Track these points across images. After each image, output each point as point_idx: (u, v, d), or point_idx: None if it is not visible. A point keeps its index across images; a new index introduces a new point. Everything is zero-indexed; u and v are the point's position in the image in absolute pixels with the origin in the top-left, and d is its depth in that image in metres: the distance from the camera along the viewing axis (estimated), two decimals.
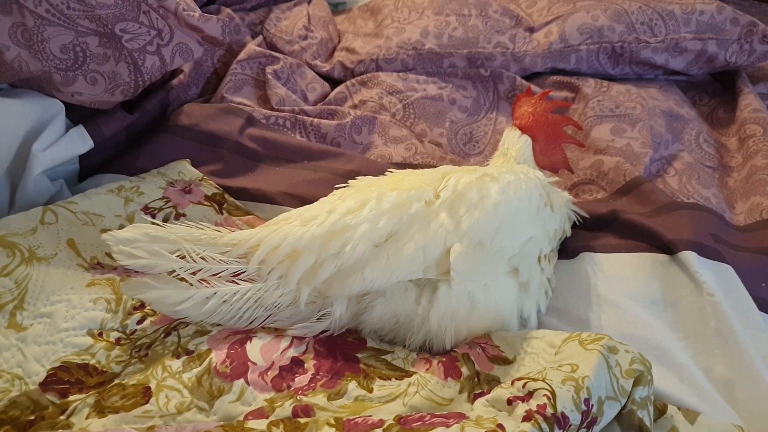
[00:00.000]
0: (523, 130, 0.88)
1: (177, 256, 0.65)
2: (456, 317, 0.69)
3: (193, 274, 0.65)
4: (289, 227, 0.67)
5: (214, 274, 0.66)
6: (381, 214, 0.67)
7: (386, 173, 0.78)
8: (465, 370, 0.65)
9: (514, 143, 0.87)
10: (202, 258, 0.65)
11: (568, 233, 0.85)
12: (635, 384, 0.62)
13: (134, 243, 0.64)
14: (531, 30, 1.25)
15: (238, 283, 0.66)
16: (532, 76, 1.24)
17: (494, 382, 0.65)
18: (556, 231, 0.82)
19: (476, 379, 0.65)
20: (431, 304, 0.68)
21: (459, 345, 0.70)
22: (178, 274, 0.64)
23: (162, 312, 0.66)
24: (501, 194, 0.72)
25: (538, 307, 0.76)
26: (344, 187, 0.75)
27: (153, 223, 0.67)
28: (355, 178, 0.77)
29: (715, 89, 1.26)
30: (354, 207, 0.68)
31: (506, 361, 0.67)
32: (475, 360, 0.67)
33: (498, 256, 0.71)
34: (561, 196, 0.86)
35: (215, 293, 0.65)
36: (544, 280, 0.77)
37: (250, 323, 0.67)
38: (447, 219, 0.69)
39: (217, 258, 0.66)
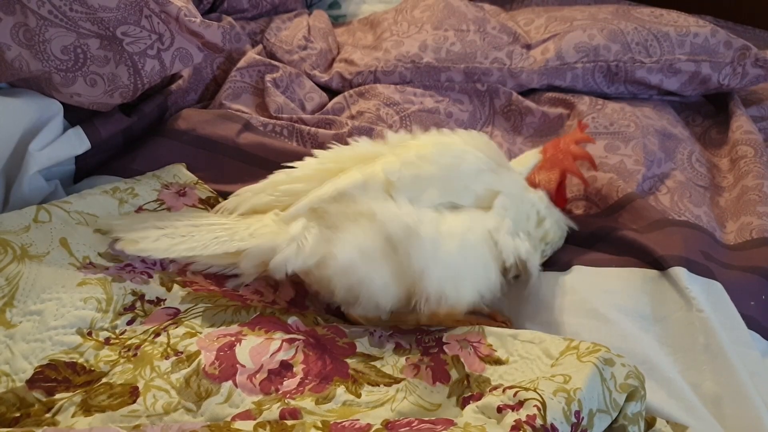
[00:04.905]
0: (543, 152, 0.93)
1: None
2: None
3: None
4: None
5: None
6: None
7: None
8: (454, 374, 0.65)
9: (525, 155, 0.94)
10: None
11: (560, 245, 0.86)
12: (628, 399, 0.62)
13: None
14: (528, 47, 1.26)
15: None
16: (528, 92, 1.25)
17: (485, 383, 0.64)
18: (547, 229, 0.83)
19: (466, 382, 0.65)
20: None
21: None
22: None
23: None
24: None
25: (517, 251, 0.74)
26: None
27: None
28: None
29: (708, 110, 1.27)
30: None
31: (498, 362, 0.66)
32: (465, 361, 0.66)
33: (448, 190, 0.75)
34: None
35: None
36: (531, 228, 0.79)
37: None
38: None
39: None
